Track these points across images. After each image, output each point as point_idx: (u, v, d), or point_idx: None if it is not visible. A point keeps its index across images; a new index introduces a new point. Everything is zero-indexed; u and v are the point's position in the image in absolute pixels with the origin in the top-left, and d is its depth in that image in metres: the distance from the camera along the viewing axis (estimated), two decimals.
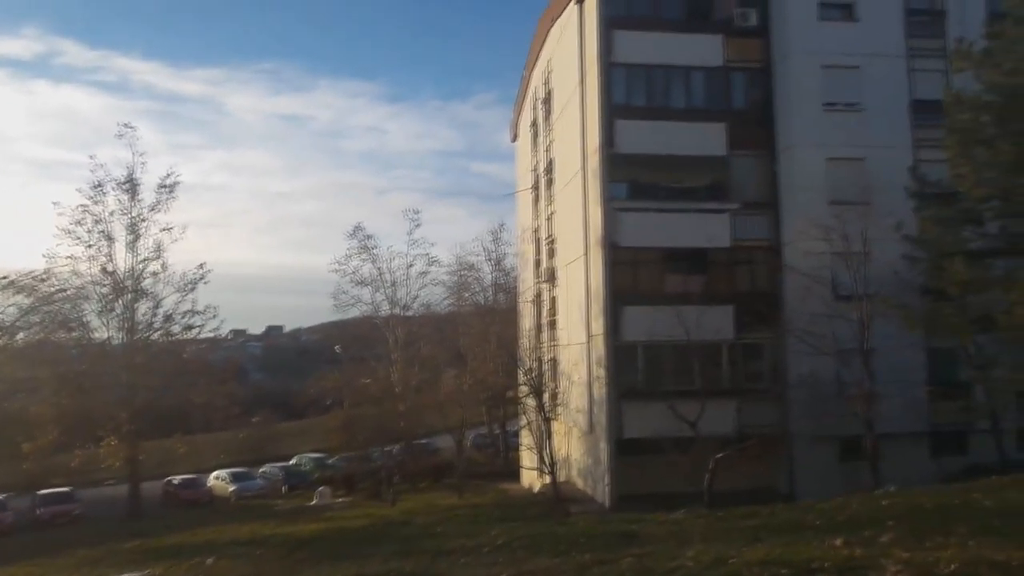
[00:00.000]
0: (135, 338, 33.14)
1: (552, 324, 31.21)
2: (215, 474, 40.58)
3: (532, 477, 31.81)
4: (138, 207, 33.08)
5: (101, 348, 33.93)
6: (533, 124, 35.36)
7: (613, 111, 24.22)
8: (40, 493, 33.64)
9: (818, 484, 20.82)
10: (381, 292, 36.75)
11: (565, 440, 28.49)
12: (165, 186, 33.37)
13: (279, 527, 23.41)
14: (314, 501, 32.73)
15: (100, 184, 32.50)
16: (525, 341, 33.22)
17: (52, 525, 30.79)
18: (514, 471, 36.29)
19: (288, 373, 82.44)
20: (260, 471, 42.04)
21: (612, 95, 24.33)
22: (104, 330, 33.58)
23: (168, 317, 33.56)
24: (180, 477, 38.67)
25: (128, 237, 32.89)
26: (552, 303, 31.32)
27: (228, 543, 19.65)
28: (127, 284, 32.79)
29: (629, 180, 24.70)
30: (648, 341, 22.89)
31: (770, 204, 24.52)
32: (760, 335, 23.77)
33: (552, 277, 31.00)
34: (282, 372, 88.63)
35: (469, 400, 35.24)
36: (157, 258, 33.13)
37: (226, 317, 42.12)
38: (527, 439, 30.49)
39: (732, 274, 24.80)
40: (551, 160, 31.62)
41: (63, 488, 34.71)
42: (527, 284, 36.72)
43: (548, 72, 32.11)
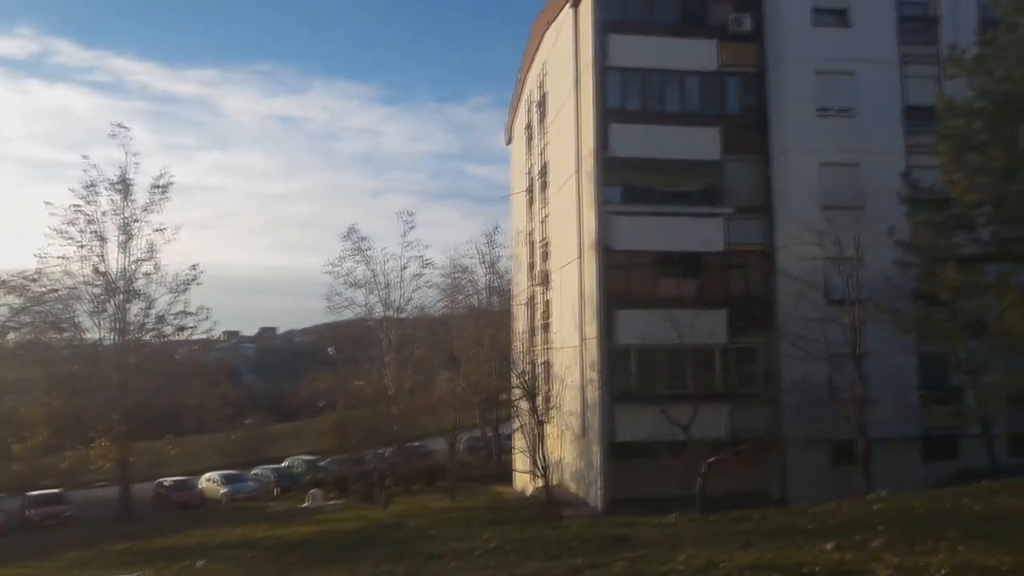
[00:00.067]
0: (127, 339, 32.96)
1: (546, 327, 31.22)
2: (207, 476, 40.45)
3: (525, 480, 31.79)
4: (131, 207, 32.97)
5: (93, 349, 33.73)
6: (528, 127, 35.39)
7: (607, 115, 24.29)
8: (30, 494, 33.43)
9: (810, 488, 20.89)
10: (375, 294, 36.94)
11: (558, 443, 28.49)
12: (158, 186, 33.22)
13: (271, 530, 23.38)
14: (306, 503, 32.67)
15: (93, 184, 32.35)
16: (518, 344, 33.26)
17: (42, 527, 30.58)
18: (507, 474, 36.23)
19: (281, 375, 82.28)
20: (252, 473, 41.89)
21: (606, 99, 24.39)
22: (96, 331, 33.46)
23: (160, 318, 33.39)
24: (172, 479, 38.43)
25: (121, 237, 32.76)
26: (546, 306, 31.34)
27: (219, 545, 19.64)
28: (119, 285, 32.62)
29: (623, 184, 24.73)
30: (641, 344, 22.93)
31: (763, 208, 24.63)
32: (753, 339, 23.84)
33: (546, 280, 31.02)
34: (275, 374, 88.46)
35: (462, 403, 35.16)
36: (150, 259, 33.04)
37: (219, 318, 42.23)
38: (520, 442, 30.45)
39: (725, 278, 24.85)
40: (545, 163, 31.66)
41: (54, 489, 34.49)
42: (521, 287, 36.73)
43: (543, 75, 32.16)
